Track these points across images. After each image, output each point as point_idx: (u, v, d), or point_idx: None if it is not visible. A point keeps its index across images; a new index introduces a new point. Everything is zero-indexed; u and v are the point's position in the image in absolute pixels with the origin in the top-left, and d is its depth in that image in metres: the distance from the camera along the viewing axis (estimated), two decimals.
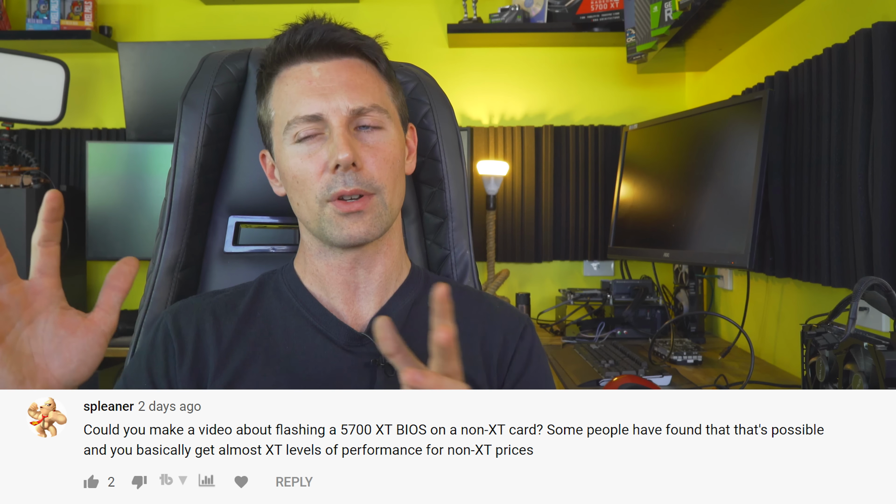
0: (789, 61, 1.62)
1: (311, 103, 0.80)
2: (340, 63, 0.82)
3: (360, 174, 0.79)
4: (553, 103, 2.59)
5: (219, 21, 2.61)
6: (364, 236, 0.81)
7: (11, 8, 2.61)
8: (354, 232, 0.80)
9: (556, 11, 2.45)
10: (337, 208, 0.80)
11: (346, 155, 0.77)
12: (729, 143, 1.70)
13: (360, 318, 0.86)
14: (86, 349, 0.64)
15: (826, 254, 1.42)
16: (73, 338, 0.64)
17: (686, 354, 1.70)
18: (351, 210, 0.80)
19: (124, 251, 2.35)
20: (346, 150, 0.78)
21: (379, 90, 0.84)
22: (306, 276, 0.87)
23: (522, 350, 0.89)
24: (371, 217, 0.81)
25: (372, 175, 0.80)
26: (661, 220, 1.97)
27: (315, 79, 0.81)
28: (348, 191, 0.79)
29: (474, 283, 1.03)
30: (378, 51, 0.86)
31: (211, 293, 0.89)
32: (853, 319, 0.98)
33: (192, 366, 0.81)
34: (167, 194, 0.99)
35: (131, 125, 2.38)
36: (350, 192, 0.79)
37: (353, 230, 0.80)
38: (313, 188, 0.80)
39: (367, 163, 0.80)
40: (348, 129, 0.80)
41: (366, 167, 0.80)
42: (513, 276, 2.55)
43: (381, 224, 0.82)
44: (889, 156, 1.22)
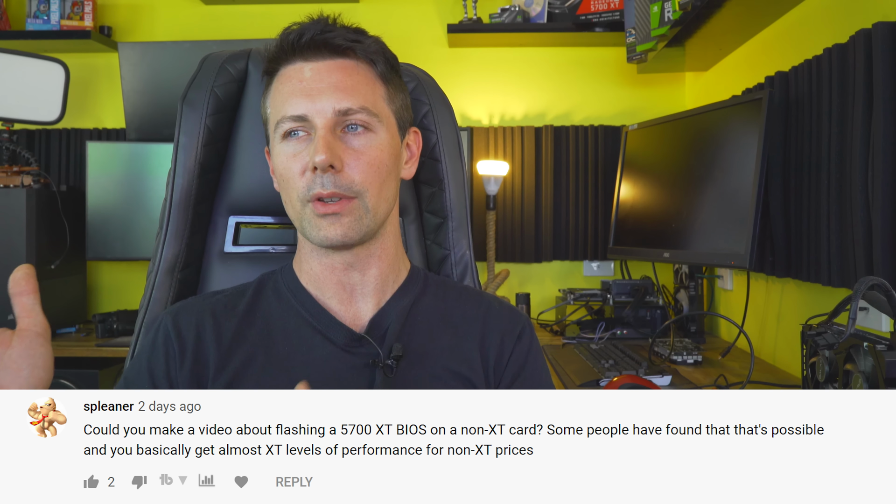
0: (789, 61, 1.62)
1: (298, 104, 0.80)
2: (333, 64, 0.82)
3: (339, 177, 0.79)
4: (553, 103, 2.59)
5: (219, 21, 2.61)
6: (341, 239, 0.80)
7: (11, 8, 2.61)
8: (331, 234, 0.80)
9: (556, 11, 2.45)
10: (315, 209, 0.80)
11: (322, 157, 0.77)
12: (729, 143, 1.70)
13: (359, 319, 0.86)
14: (28, 354, 0.69)
15: (826, 254, 1.42)
16: (11, 350, 0.69)
17: (686, 354, 1.70)
18: (328, 212, 0.80)
19: (124, 251, 2.35)
20: (322, 152, 0.77)
21: (371, 92, 0.83)
22: (303, 276, 0.87)
23: (519, 352, 0.88)
24: (349, 220, 0.80)
25: (352, 179, 0.80)
26: (661, 220, 1.97)
27: (305, 79, 0.81)
28: (325, 193, 0.79)
29: (474, 283, 1.03)
30: (375, 52, 0.85)
31: (210, 294, 0.89)
32: (853, 319, 0.98)
33: (192, 367, 0.81)
34: (167, 194, 0.99)
35: (131, 125, 2.38)
36: (327, 194, 0.79)
37: (330, 232, 0.80)
38: (296, 187, 0.81)
39: (348, 166, 0.80)
40: (332, 132, 0.80)
41: (346, 170, 0.80)
42: (513, 276, 2.55)
43: (360, 228, 0.81)
44: (889, 156, 1.22)
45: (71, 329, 2.31)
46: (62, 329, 2.29)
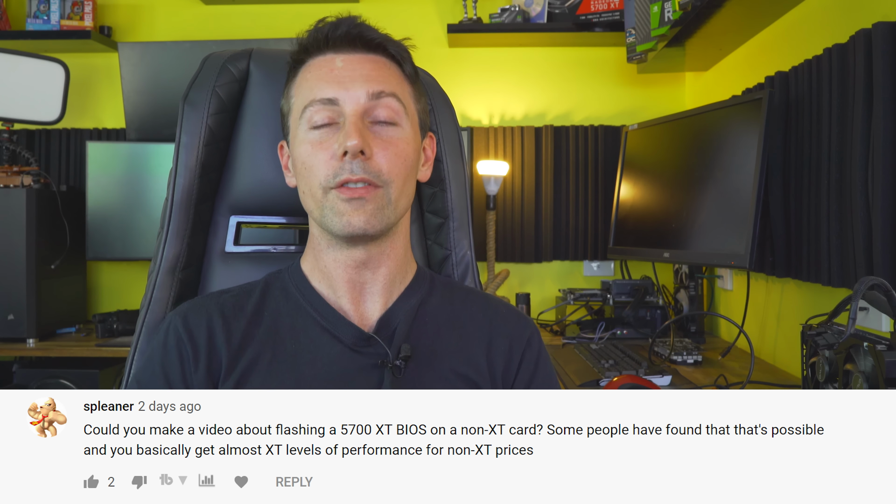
0: (789, 61, 1.62)
1: (329, 88, 0.81)
2: (365, 58, 0.83)
3: (368, 163, 0.79)
4: (553, 103, 2.59)
5: (219, 21, 2.61)
6: (363, 226, 0.79)
7: (11, 8, 2.61)
8: (354, 220, 0.79)
9: (556, 11, 2.45)
10: (340, 194, 0.79)
11: (355, 142, 0.77)
12: (729, 143, 1.70)
13: (367, 319, 0.85)
14: None
15: (826, 254, 1.41)
16: None
17: (686, 354, 1.70)
18: (354, 196, 0.79)
19: (124, 251, 2.35)
20: (355, 137, 0.78)
21: (400, 87, 0.84)
22: (314, 274, 0.87)
23: (529, 359, 0.88)
24: (373, 208, 0.80)
25: (380, 167, 0.80)
26: (661, 220, 1.97)
27: (337, 68, 0.82)
28: (354, 178, 0.78)
29: (475, 284, 1.03)
30: (404, 52, 0.86)
31: (217, 293, 0.89)
32: (853, 319, 0.98)
33: (207, 368, 0.80)
34: (168, 194, 0.99)
35: (131, 125, 2.38)
36: (356, 179, 0.78)
37: (353, 218, 0.79)
38: (319, 175, 0.80)
39: (377, 154, 0.80)
40: (362, 120, 0.80)
41: (375, 158, 0.80)
42: (513, 276, 2.55)
43: (382, 218, 0.81)
44: (889, 156, 1.22)
45: (71, 329, 2.31)
46: (62, 329, 2.29)
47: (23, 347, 2.10)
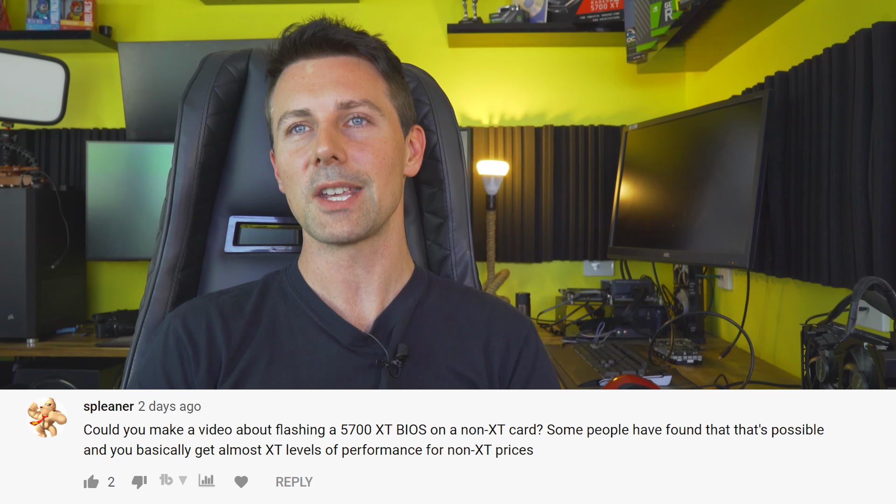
0: (789, 61, 1.62)
1: (301, 98, 0.81)
2: (335, 60, 0.83)
3: (343, 167, 0.79)
4: (553, 103, 2.59)
5: (219, 21, 2.61)
6: (347, 235, 0.80)
7: (11, 8, 2.61)
8: (337, 231, 0.80)
9: (556, 11, 2.45)
10: (321, 205, 0.80)
11: (325, 149, 0.78)
12: (729, 143, 1.70)
13: (364, 319, 0.86)
14: None
15: (826, 254, 1.41)
16: None
17: (686, 354, 1.70)
18: (335, 208, 0.80)
19: (124, 251, 2.35)
20: (325, 143, 0.78)
21: (373, 87, 0.84)
22: (309, 275, 0.87)
23: (526, 358, 0.88)
24: (357, 215, 0.80)
25: (357, 169, 0.80)
26: (660, 220, 1.97)
27: (308, 75, 0.82)
28: (331, 183, 0.79)
29: (474, 284, 1.03)
30: (377, 49, 0.86)
31: (215, 294, 0.89)
32: (853, 319, 0.98)
33: (208, 369, 0.81)
34: (168, 194, 0.99)
35: (131, 125, 2.38)
36: (333, 184, 0.79)
37: (336, 229, 0.80)
38: (299, 183, 0.81)
39: (352, 157, 0.80)
40: (334, 125, 0.80)
41: (350, 161, 0.80)
42: (513, 276, 2.55)
43: (366, 223, 0.81)
44: (889, 156, 1.22)
45: (71, 329, 2.31)
46: (62, 329, 2.29)
47: (23, 347, 2.10)
